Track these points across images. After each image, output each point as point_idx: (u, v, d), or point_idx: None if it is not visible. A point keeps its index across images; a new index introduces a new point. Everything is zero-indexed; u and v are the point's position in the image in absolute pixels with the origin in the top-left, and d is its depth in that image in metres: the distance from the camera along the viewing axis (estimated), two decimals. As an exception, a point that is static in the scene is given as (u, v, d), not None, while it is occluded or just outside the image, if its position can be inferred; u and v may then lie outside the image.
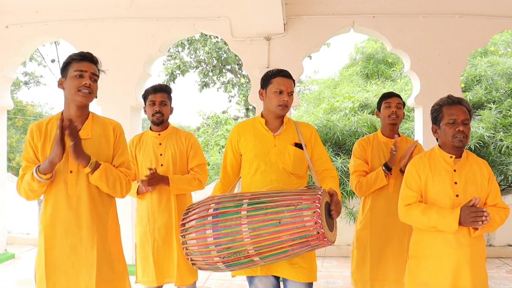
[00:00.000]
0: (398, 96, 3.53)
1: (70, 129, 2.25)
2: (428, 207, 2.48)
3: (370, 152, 3.49)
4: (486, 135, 6.13)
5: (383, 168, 3.32)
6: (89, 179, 2.42)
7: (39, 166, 2.32)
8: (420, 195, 2.56)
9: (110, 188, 2.46)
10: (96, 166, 2.39)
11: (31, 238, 6.64)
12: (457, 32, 5.20)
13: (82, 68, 2.41)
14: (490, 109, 6.56)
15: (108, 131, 2.56)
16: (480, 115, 6.63)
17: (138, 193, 3.30)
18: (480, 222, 2.28)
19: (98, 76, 2.50)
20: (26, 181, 2.35)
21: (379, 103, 3.57)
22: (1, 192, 5.90)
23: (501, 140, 6.14)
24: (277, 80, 2.75)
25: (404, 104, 3.55)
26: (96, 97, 2.50)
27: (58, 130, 2.24)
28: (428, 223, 2.45)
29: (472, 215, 2.30)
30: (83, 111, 2.50)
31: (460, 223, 2.34)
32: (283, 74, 2.77)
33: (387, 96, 3.53)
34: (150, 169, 3.14)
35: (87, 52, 2.49)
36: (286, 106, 2.72)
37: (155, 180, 3.16)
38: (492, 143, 6.22)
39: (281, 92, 2.72)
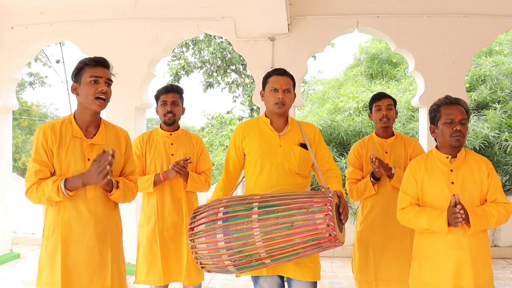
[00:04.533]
0: (388, 96, 3.51)
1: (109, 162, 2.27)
2: (420, 210, 2.51)
3: (365, 155, 3.50)
4: (491, 135, 6.11)
5: (371, 178, 3.34)
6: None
7: (65, 180, 2.30)
8: (416, 198, 2.58)
9: (123, 200, 2.52)
10: (117, 185, 2.44)
11: (37, 238, 6.66)
12: (462, 32, 5.18)
13: (97, 74, 2.41)
14: (495, 109, 6.53)
15: (120, 139, 2.60)
16: (485, 115, 6.61)
17: (155, 183, 3.27)
18: (459, 223, 2.31)
19: (112, 81, 2.50)
20: (45, 191, 2.30)
21: (370, 106, 3.57)
22: (6, 192, 5.93)
23: (506, 140, 6.12)
24: (272, 79, 2.78)
25: (395, 102, 3.54)
26: (109, 101, 2.51)
27: (108, 165, 2.24)
28: (421, 226, 2.49)
29: (452, 217, 2.33)
30: (97, 117, 2.51)
31: (449, 224, 2.36)
32: (278, 72, 2.80)
33: (377, 98, 3.52)
34: (187, 158, 3.20)
35: (101, 57, 2.49)
36: (282, 104, 2.74)
37: (184, 172, 3.21)
38: (497, 143, 6.20)
39: (276, 90, 2.74)
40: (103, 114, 2.65)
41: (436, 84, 5.15)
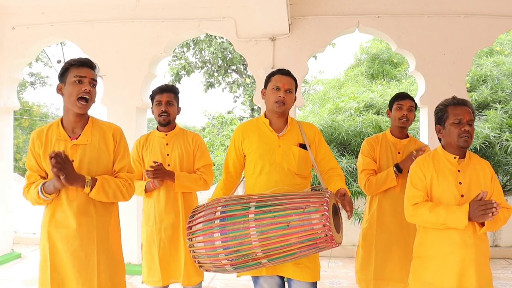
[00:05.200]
0: (411, 98, 3.47)
1: (56, 165, 2.20)
2: (436, 205, 2.47)
3: (378, 151, 3.48)
4: (492, 135, 6.11)
5: (394, 169, 3.31)
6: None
7: (44, 183, 2.35)
8: (427, 194, 2.56)
9: (110, 199, 2.47)
10: (93, 183, 2.38)
11: (38, 238, 6.59)
12: (463, 32, 5.18)
13: (81, 74, 2.42)
14: (495, 109, 6.53)
15: (107, 136, 2.55)
16: (485, 115, 6.61)
17: (146, 190, 3.29)
18: (490, 214, 2.25)
19: (97, 82, 2.51)
20: (32, 195, 2.40)
21: (391, 103, 3.54)
22: (7, 192, 5.94)
23: (506, 140, 6.11)
24: (275, 77, 2.78)
25: (416, 106, 3.52)
26: (94, 102, 2.51)
27: (52, 169, 2.22)
28: (436, 221, 2.44)
29: (481, 208, 2.28)
30: (82, 117, 2.51)
31: (470, 219, 2.32)
32: (281, 72, 2.80)
33: (400, 97, 3.48)
34: (155, 162, 3.15)
35: (86, 58, 2.50)
36: (283, 103, 2.73)
37: (161, 173, 3.17)
38: (497, 143, 6.20)
39: (278, 89, 2.74)
40: (104, 115, 2.65)
41: (436, 84, 5.15)
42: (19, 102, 6.31)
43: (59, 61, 18.33)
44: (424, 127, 5.40)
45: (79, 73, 2.41)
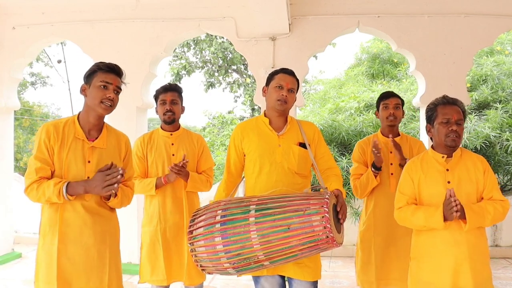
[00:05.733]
0: (396, 96, 3.51)
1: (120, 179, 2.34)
2: (417, 208, 2.51)
3: (369, 153, 3.49)
4: (492, 135, 6.10)
5: (372, 169, 3.33)
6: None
7: (67, 184, 2.31)
8: (413, 198, 2.59)
9: (118, 206, 2.55)
10: (115, 194, 2.45)
11: (38, 238, 6.66)
12: (463, 32, 5.18)
13: (108, 80, 2.44)
14: (496, 109, 6.52)
15: (121, 144, 2.61)
16: (486, 115, 6.60)
17: (157, 186, 3.27)
18: (454, 213, 2.29)
19: (121, 89, 2.53)
20: (45, 193, 2.31)
21: (378, 104, 3.57)
22: (8, 192, 5.94)
23: (507, 140, 6.10)
24: (279, 76, 2.78)
25: (403, 102, 3.54)
26: (115, 108, 2.54)
27: (116, 184, 2.31)
28: (418, 223, 2.49)
29: (447, 208, 2.32)
30: (101, 120, 2.53)
31: (446, 219, 2.36)
32: (285, 71, 2.80)
33: (385, 96, 3.52)
34: (185, 160, 3.19)
35: (115, 64, 2.53)
36: (285, 102, 2.73)
37: (185, 171, 3.21)
38: (498, 143, 6.19)
39: (280, 87, 2.74)
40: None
41: (437, 84, 5.15)
42: (20, 102, 6.31)
43: (59, 61, 18.30)
44: (424, 127, 5.38)
45: (105, 79, 2.44)
